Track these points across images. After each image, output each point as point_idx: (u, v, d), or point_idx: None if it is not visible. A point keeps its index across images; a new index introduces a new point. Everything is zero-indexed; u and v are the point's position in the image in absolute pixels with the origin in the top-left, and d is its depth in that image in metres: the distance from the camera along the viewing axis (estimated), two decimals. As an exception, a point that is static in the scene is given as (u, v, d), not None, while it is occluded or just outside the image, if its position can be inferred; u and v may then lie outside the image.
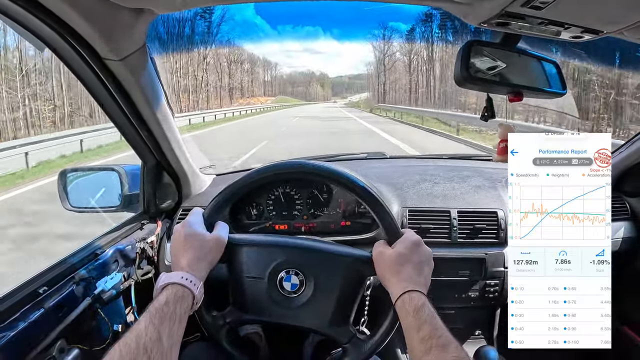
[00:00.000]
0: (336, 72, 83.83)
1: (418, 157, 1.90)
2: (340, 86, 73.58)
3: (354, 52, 78.07)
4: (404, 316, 0.64)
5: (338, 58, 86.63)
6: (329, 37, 76.32)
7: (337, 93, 70.67)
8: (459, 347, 0.57)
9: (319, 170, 0.78)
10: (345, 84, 75.07)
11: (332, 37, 75.26)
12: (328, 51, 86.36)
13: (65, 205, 1.07)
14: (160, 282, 0.64)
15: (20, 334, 0.68)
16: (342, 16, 65.84)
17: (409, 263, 0.69)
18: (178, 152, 1.05)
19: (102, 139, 9.61)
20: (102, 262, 0.92)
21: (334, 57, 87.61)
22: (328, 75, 71.35)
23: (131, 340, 0.52)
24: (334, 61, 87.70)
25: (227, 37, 34.11)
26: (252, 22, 54.91)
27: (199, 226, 0.73)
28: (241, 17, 45.94)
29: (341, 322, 0.76)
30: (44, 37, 0.71)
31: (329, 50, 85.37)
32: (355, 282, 0.77)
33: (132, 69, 0.77)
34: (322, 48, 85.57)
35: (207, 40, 29.34)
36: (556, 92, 0.81)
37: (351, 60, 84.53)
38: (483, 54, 0.76)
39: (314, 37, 71.52)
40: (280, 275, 0.76)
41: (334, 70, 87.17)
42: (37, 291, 0.76)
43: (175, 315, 0.59)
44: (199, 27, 27.85)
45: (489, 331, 1.20)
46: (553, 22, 0.67)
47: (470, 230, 1.08)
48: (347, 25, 58.59)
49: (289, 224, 1.11)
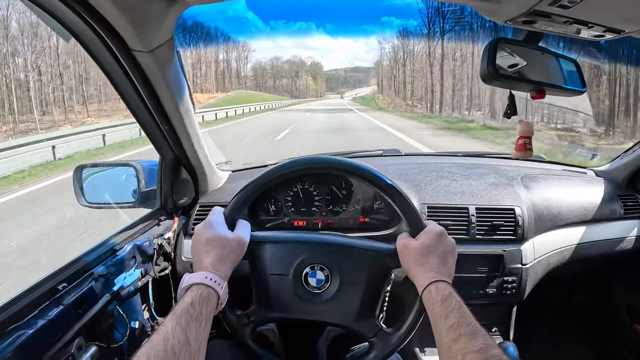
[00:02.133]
0: (330, 65, 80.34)
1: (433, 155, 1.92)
2: (335, 80, 68.64)
3: (348, 46, 76.65)
4: (431, 306, 0.64)
5: (332, 53, 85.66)
6: (322, 32, 74.95)
7: (333, 88, 65.72)
8: (487, 335, 0.57)
9: (340, 165, 0.79)
10: (340, 78, 70.31)
11: (325, 32, 73.84)
12: (322, 47, 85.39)
13: (80, 201, 1.05)
14: (184, 282, 0.64)
15: (39, 331, 0.67)
16: (336, 10, 64.79)
17: (434, 253, 0.70)
18: (197, 147, 1.04)
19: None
20: (120, 259, 0.90)
21: (327, 53, 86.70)
22: (322, 65, 64.24)
23: (158, 342, 0.52)
24: (327, 56, 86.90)
25: (218, 33, 33.01)
26: (243, 17, 52.37)
27: (221, 226, 0.73)
28: (233, 12, 44.17)
29: (367, 316, 0.76)
30: (70, 26, 0.70)
31: (323, 46, 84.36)
32: (381, 276, 0.77)
33: (159, 61, 0.77)
34: (315, 44, 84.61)
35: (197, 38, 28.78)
36: (576, 89, 0.82)
37: (344, 55, 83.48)
38: (507, 51, 0.77)
39: (307, 32, 69.47)
40: (305, 271, 0.76)
41: (327, 64, 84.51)
42: (56, 287, 0.75)
43: (202, 316, 0.58)
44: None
45: (506, 327, 1.21)
46: (578, 20, 0.69)
47: (488, 227, 1.09)
48: (342, 19, 57.60)
49: (307, 220, 1.12)
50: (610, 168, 1.40)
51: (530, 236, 1.13)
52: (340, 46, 73.99)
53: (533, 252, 1.12)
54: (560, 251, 1.18)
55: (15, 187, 6.29)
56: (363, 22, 40.75)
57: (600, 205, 1.26)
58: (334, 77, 70.12)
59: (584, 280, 1.56)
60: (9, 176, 6.81)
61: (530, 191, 1.20)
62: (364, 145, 9.40)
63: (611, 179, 1.36)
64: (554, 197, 1.22)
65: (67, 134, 9.68)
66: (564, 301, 1.63)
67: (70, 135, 9.64)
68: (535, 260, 1.12)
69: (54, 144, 8.48)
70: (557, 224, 1.19)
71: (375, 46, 51.08)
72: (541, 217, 1.16)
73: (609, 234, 1.25)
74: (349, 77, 69.56)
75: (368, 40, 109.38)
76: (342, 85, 68.08)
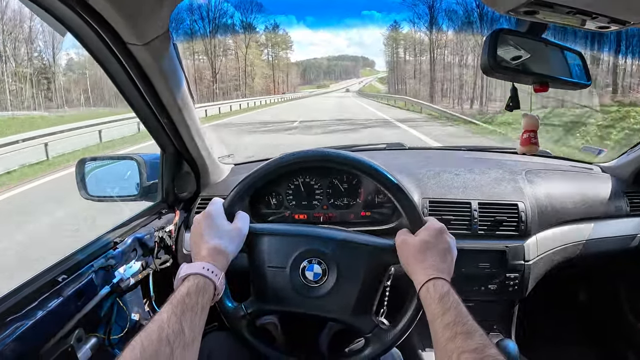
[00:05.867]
0: (308, 54, 68.48)
1: (437, 149, 1.90)
2: (315, 70, 56.23)
3: (331, 39, 67.52)
4: (428, 303, 0.63)
5: (311, 47, 77.85)
6: (303, 25, 66.28)
7: (312, 80, 52.00)
8: (484, 334, 0.56)
9: (340, 158, 0.78)
10: (322, 67, 58.34)
11: (305, 25, 64.34)
12: (302, 40, 78.99)
13: (82, 194, 1.07)
14: (181, 272, 0.64)
15: (38, 322, 0.68)
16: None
17: (433, 250, 0.69)
18: (198, 140, 1.05)
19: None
20: (121, 251, 0.91)
21: (307, 46, 79.68)
22: (290, 41, 42.95)
23: (153, 331, 0.52)
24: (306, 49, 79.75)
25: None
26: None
27: (220, 216, 0.73)
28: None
29: (364, 311, 0.76)
30: (65, 21, 0.70)
31: (303, 40, 77.50)
32: (378, 271, 0.77)
33: (155, 54, 0.77)
34: (296, 37, 77.97)
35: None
36: (581, 82, 0.80)
37: (327, 48, 75.62)
38: (509, 42, 0.75)
39: (288, 26, 58.80)
40: (302, 264, 0.76)
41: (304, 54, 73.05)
42: (56, 279, 0.76)
43: (197, 306, 0.59)
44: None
45: (508, 324, 1.20)
46: (581, 11, 0.67)
47: (491, 222, 1.08)
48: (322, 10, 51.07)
49: (308, 213, 1.12)
50: (617, 164, 1.37)
51: (534, 232, 1.11)
52: (321, 39, 70.06)
53: (536, 249, 1.10)
54: (564, 248, 1.16)
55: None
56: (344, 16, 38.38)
57: (606, 201, 1.23)
58: (313, 67, 57.89)
59: (587, 277, 1.54)
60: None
61: (535, 186, 1.18)
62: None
63: (617, 175, 1.33)
64: (559, 192, 1.20)
65: (61, 130, 8.61)
66: (566, 299, 1.61)
67: (64, 131, 8.57)
68: (538, 257, 1.10)
69: (46, 141, 7.66)
70: (561, 220, 1.17)
71: (357, 40, 46.73)
72: (545, 212, 1.14)
73: (614, 231, 1.22)
74: (334, 67, 59.19)
75: (349, 33, 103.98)
76: (324, 76, 56.86)
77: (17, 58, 23.48)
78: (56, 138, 8.05)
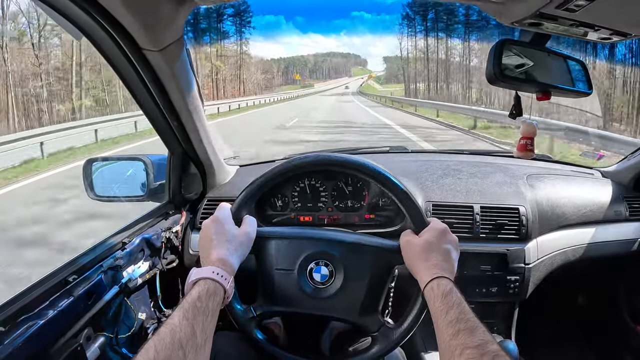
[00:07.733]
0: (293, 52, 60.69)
1: (439, 152, 1.91)
2: (301, 66, 50.17)
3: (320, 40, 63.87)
4: (432, 302, 0.65)
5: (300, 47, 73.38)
6: (292, 26, 61.83)
7: (295, 80, 45.01)
8: (486, 331, 0.58)
9: (345, 162, 0.80)
10: (308, 64, 53.50)
11: (294, 26, 59.89)
12: (292, 42, 74.56)
13: (89, 194, 1.08)
14: (191, 277, 0.65)
15: (49, 322, 0.69)
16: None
17: (436, 250, 0.71)
18: (206, 143, 1.06)
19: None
20: (129, 252, 0.93)
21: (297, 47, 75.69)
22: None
23: (166, 335, 0.53)
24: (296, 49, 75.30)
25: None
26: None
27: (228, 221, 0.74)
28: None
29: (371, 311, 0.78)
30: (82, 26, 0.72)
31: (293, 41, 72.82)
32: (384, 272, 0.79)
33: (169, 59, 0.78)
34: (286, 39, 73.03)
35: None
36: (583, 91, 0.82)
37: (316, 48, 71.81)
38: (513, 52, 0.77)
39: (276, 27, 51.19)
40: (310, 266, 0.78)
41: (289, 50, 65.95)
42: (66, 279, 0.77)
43: (208, 310, 0.60)
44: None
45: (508, 326, 1.22)
46: (584, 23, 0.69)
47: (493, 226, 1.10)
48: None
49: (313, 216, 1.13)
50: (617, 169, 1.40)
51: (535, 236, 1.13)
52: (311, 40, 67.77)
53: (537, 252, 1.12)
54: (564, 252, 1.18)
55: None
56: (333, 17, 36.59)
57: (606, 206, 1.26)
58: (298, 63, 51.61)
59: (587, 281, 1.56)
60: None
61: (536, 191, 1.20)
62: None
63: (617, 180, 1.36)
64: (559, 197, 1.22)
65: (57, 129, 8.34)
66: (566, 301, 1.63)
67: (59, 131, 8.22)
68: (538, 260, 1.13)
69: (42, 140, 7.38)
70: (561, 224, 1.19)
71: (347, 41, 44.23)
72: (546, 216, 1.16)
73: (614, 236, 1.25)
74: (321, 64, 54.24)
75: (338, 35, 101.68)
76: (310, 74, 51.16)
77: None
78: (52, 137, 7.89)
